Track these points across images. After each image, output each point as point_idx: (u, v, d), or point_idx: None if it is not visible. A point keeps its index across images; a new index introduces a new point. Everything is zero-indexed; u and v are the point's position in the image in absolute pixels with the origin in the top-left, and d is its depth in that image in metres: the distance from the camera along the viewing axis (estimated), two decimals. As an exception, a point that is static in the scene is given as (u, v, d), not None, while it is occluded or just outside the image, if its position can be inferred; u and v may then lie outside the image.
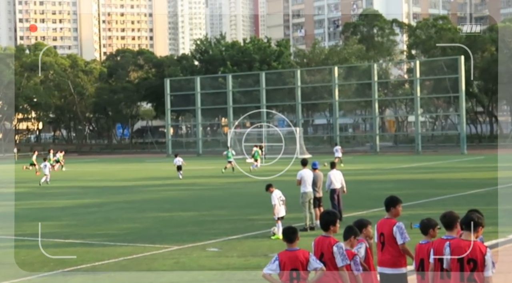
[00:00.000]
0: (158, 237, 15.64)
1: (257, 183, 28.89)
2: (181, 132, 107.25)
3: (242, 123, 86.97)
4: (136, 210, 21.16)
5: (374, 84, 62.00)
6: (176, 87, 75.71)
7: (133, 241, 15.15)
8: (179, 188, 29.09)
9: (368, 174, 33.86)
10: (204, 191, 27.39)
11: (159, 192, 27.50)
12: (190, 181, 32.83)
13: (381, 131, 75.59)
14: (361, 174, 33.63)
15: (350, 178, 28.03)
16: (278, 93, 78.21)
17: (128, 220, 18.97)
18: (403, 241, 7.70)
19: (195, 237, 15.37)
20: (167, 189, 28.53)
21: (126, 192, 27.94)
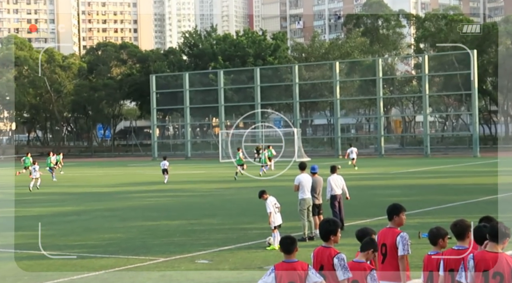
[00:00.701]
0: (142, 248, 15.61)
1: (251, 189, 28.86)
2: (168, 133, 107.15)
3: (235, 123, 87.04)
4: (119, 219, 21.11)
5: (378, 81, 62.13)
6: (162, 84, 75.67)
7: (115, 252, 15.11)
8: (165, 194, 29.06)
9: (372, 179, 33.91)
10: (193, 198, 27.37)
11: (143, 199, 27.46)
12: (178, 187, 32.79)
13: (386, 132, 75.78)
14: (365, 179, 33.67)
15: (352, 184, 28.06)
16: (274, 91, 78.28)
17: (109, 229, 18.92)
18: (403, 253, 7.69)
19: (183, 248, 15.35)
20: (152, 196, 28.49)
21: (107, 199, 27.88)
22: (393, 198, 23.26)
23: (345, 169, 40.41)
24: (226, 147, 64.76)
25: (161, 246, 15.88)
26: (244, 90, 76.69)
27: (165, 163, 35.64)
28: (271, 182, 32.95)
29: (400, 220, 8.02)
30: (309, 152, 63.81)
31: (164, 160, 36.12)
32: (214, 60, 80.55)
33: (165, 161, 35.83)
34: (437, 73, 68.32)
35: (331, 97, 70.48)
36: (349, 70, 76.87)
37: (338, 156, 61.64)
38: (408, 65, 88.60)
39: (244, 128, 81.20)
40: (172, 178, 37.79)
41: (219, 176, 40.19)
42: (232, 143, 67.47)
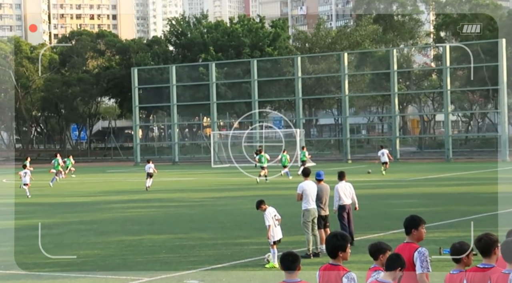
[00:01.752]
0: (123, 266, 15.60)
1: (247, 198, 28.87)
2: (153, 134, 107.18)
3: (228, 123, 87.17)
4: (96, 233, 21.11)
5: (393, 75, 62.22)
6: (145, 79, 75.68)
7: (92, 271, 15.12)
8: (149, 205, 29.07)
9: (386, 187, 33.96)
10: (181, 209, 27.38)
11: (124, 210, 27.46)
12: (164, 196, 32.80)
13: (402, 133, 75.90)
14: (377, 187, 33.71)
15: (363, 192, 28.06)
16: (273, 86, 78.39)
17: (85, 245, 18.91)
18: (422, 271, 7.69)
19: (169, 266, 15.35)
20: (134, 207, 28.50)
21: (82, 210, 27.88)
22: (410, 208, 23.32)
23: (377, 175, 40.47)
24: (219, 151, 64.80)
25: (144, 264, 15.87)
26: (239, 86, 76.74)
27: (150, 166, 36.65)
28: (270, 191, 32.96)
29: (419, 234, 8.02)
30: (313, 156, 63.80)
31: (149, 163, 37.16)
32: (205, 51, 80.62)
33: (150, 164, 36.85)
34: (460, 65, 68.38)
35: (339, 93, 70.52)
36: (359, 62, 77.01)
37: (346, 161, 61.70)
38: (427, 57, 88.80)
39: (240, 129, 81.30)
40: (157, 186, 37.76)
41: (211, 183, 40.21)
42: (226, 146, 67.48)
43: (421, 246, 7.94)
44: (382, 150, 44.41)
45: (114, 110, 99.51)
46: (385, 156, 43.38)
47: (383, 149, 44.70)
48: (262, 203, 15.33)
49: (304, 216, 16.19)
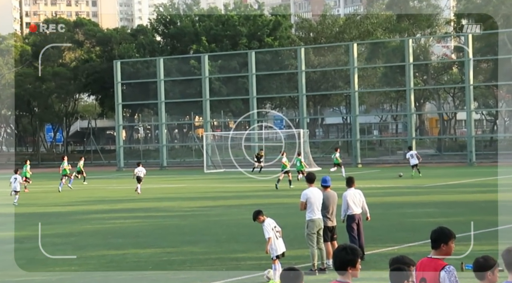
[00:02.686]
0: (104, 285, 15.57)
1: (244, 208, 28.84)
2: (138, 136, 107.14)
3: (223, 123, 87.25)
4: (73, 247, 21.07)
5: (408, 68, 62.25)
6: (130, 73, 75.69)
7: (69, 290, 15.07)
8: (134, 215, 29.04)
9: (401, 194, 33.95)
10: (169, 219, 27.35)
11: (106, 221, 27.42)
12: (151, 204, 32.77)
13: (418, 134, 75.91)
14: (391, 194, 33.70)
15: (375, 200, 28.02)
16: (273, 81, 78.40)
17: (61, 261, 18.87)
18: (452, 293, 7.67)
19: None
20: (117, 217, 28.46)
21: (59, 221, 27.83)
22: (428, 218, 23.31)
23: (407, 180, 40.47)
24: (213, 154, 64.80)
25: (128, 282, 15.82)
26: (235, 81, 76.76)
27: (140, 169, 38.63)
28: (271, 199, 32.95)
29: (448, 249, 7.98)
30: (319, 159, 63.79)
31: (139, 166, 39.15)
32: (197, 41, 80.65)
33: (141, 168, 38.87)
34: (485, 57, 68.41)
35: (347, 88, 70.51)
36: (371, 54, 77.05)
37: (356, 165, 61.73)
38: (446, 48, 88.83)
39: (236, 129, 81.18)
40: (143, 194, 37.74)
41: (204, 191, 40.18)
42: (220, 149, 67.52)
43: (448, 263, 7.88)
44: (411, 152, 45.86)
45: (94, 108, 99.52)
46: (414, 158, 44.84)
47: (412, 151, 46.17)
48: (259, 214, 15.26)
49: (309, 228, 16.17)
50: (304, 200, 16.17)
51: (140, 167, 39.23)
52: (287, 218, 23.51)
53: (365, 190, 19.16)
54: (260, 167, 55.10)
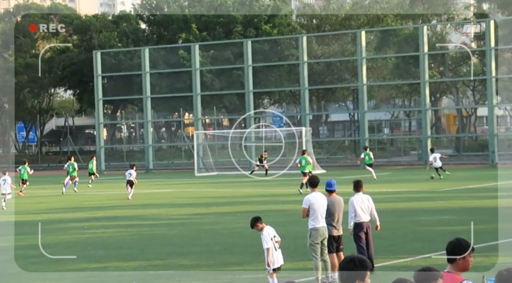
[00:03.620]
0: (83, 302, 15.55)
1: (239, 215, 28.85)
2: (121, 135, 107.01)
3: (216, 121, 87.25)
4: (49, 260, 21.04)
5: (423, 58, 62.26)
6: (111, 65, 75.64)
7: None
8: (117, 224, 29.00)
9: (414, 200, 33.96)
10: (156, 228, 27.33)
11: (85, 231, 27.39)
12: (135, 212, 32.75)
13: (434, 132, 75.87)
14: (403, 200, 33.71)
15: (386, 206, 27.99)
16: (272, 74, 78.36)
17: (35, 276, 18.85)
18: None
19: (142, 302, 15.32)
20: (98, 226, 28.44)
21: (32, 231, 27.78)
22: (445, 227, 23.31)
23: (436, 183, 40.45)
24: (205, 155, 64.78)
25: (110, 298, 15.81)
26: (230, 73, 76.71)
27: (131, 172, 38.71)
28: (269, 205, 32.93)
29: (466, 263, 7.97)
30: (323, 161, 63.81)
31: (131, 169, 39.38)
32: (186, 29, 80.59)
33: (132, 170, 39.00)
34: (509, 46, 68.41)
35: (355, 82, 70.49)
36: (381, 43, 77.00)
37: (364, 167, 61.71)
38: (466, 35, 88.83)
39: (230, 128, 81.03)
40: (127, 200, 37.69)
41: (194, 196, 40.17)
42: (213, 149, 67.51)
43: (466, 278, 7.88)
44: (434, 155, 46.92)
45: (71, 104, 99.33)
46: (438, 161, 45.99)
47: (435, 153, 47.27)
48: (258, 220, 15.27)
49: (312, 237, 16.16)
50: (307, 206, 16.14)
51: (131, 170, 39.42)
52: (287, 226, 23.50)
53: (374, 195, 19.18)
54: (266, 169, 55.14)
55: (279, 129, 70.45)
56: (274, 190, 41.80)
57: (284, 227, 21.75)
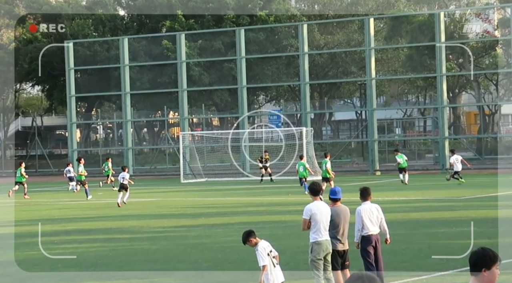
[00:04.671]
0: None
1: (231, 227, 28.82)
2: (96, 137, 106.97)
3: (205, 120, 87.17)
4: (13, 280, 21.01)
5: (440, 49, 62.28)
6: (85, 57, 75.56)
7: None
8: (92, 237, 28.95)
9: (430, 209, 33.96)
10: (137, 242, 27.30)
11: (55, 245, 27.34)
12: (112, 224, 32.71)
13: (453, 132, 75.94)
14: (418, 209, 33.70)
15: (398, 217, 27.96)
16: (268, 66, 78.36)
17: None
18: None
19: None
20: (70, 240, 28.39)
21: None
22: (465, 240, 23.29)
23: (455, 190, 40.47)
24: (192, 159, 64.72)
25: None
26: (220, 66, 76.72)
27: (124, 175, 40.00)
28: (265, 216, 32.90)
29: (491, 276, 7.97)
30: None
31: (123, 171, 40.63)
32: (171, 16, 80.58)
33: (124, 173, 40.29)
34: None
35: (362, 75, 70.54)
36: (391, 32, 77.08)
37: (373, 172, 61.77)
38: (488, 23, 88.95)
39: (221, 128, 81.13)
40: (103, 211, 37.67)
41: (180, 205, 40.15)
42: (201, 152, 67.43)
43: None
44: (456, 156, 48.09)
45: (39, 102, 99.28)
46: (459, 164, 47.47)
47: (456, 155, 48.45)
48: (251, 235, 15.21)
49: (314, 252, 16.15)
50: (308, 217, 16.12)
51: (124, 172, 40.59)
52: (286, 240, 23.48)
53: (384, 204, 19.19)
54: (269, 174, 55.19)
55: (277, 129, 70.48)
56: (271, 198, 41.75)
57: (282, 241, 21.73)
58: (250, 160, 58.86)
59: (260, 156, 57.08)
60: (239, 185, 53.63)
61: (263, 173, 55.44)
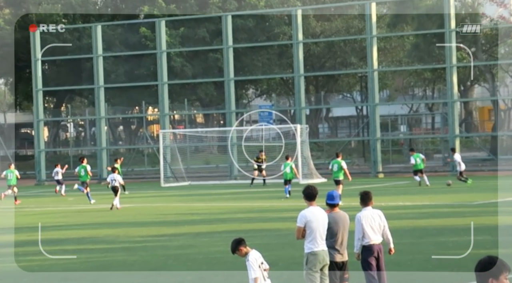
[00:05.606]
0: None
1: (218, 236, 28.87)
2: (66, 135, 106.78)
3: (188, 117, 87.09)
4: None
5: (449, 36, 62.36)
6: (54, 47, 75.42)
7: None
8: (61, 248, 28.93)
9: (439, 216, 34.04)
10: (112, 254, 27.31)
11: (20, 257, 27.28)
12: (85, 233, 32.70)
13: (464, 130, 76.06)
14: (425, 216, 33.78)
15: (403, 224, 28.03)
16: (259, 57, 78.35)
17: None
18: None
19: None
20: (35, 252, 28.36)
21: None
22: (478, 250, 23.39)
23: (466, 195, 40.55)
24: (173, 160, 64.72)
25: None
26: (205, 57, 76.71)
27: (115, 177, 40.81)
28: (254, 223, 32.96)
29: (499, 286, 8.08)
30: (323, 167, 63.83)
31: (113, 173, 41.32)
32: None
33: (115, 175, 41.03)
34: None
35: (363, 67, 70.61)
36: (395, 18, 77.19)
37: (376, 174, 61.85)
38: (503, 7, 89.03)
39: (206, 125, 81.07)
40: (74, 218, 37.66)
41: (161, 212, 40.18)
42: (184, 152, 67.40)
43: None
44: (458, 154, 50.02)
45: (2, 97, 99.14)
46: (462, 164, 49.40)
47: (456, 154, 50.42)
48: (241, 244, 15.27)
49: (309, 264, 16.21)
50: (302, 225, 16.17)
51: (114, 174, 41.17)
52: (278, 250, 23.53)
53: (387, 210, 19.26)
54: (263, 177, 55.20)
55: (268, 127, 70.54)
56: (262, 203, 41.84)
57: (274, 251, 21.80)
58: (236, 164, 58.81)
59: (255, 156, 56.97)
60: (226, 189, 53.66)
61: (255, 175, 55.42)
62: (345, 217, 16.78)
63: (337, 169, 41.56)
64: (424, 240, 26.67)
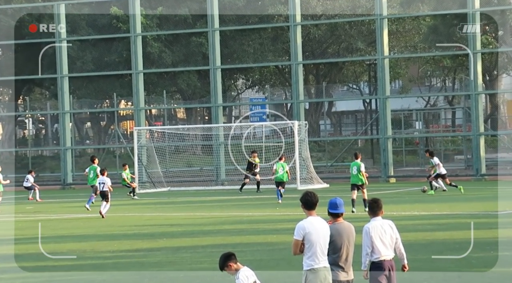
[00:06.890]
0: None
1: (202, 250, 28.92)
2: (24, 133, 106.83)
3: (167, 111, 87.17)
4: None
5: (472, 18, 62.41)
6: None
7: None
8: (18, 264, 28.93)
9: (460, 227, 34.08)
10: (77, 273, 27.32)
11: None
12: (45, 247, 32.69)
13: (490, 127, 76.17)
14: (444, 228, 33.84)
15: (418, 237, 28.04)
16: (249, 42, 78.41)
17: None
18: None
19: None
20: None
21: None
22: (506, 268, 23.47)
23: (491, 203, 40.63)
24: (151, 162, 64.78)
25: None
26: (187, 41, 76.74)
27: (105, 180, 41.79)
28: (244, 236, 33.02)
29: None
30: (325, 170, 64.05)
31: (102, 176, 42.42)
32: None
33: (104, 177, 42.12)
34: None
35: (372, 53, 70.73)
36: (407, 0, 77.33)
37: (387, 178, 61.95)
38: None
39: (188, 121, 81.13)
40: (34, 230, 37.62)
41: (135, 223, 40.21)
42: (163, 153, 67.44)
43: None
44: (434, 159, 50.31)
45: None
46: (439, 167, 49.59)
47: (435, 158, 50.70)
48: (230, 259, 15.32)
49: (307, 282, 16.25)
50: (300, 237, 16.19)
51: (103, 177, 42.18)
52: (272, 267, 23.58)
53: (400, 220, 19.29)
54: (257, 182, 55.21)
55: (261, 123, 70.67)
56: (253, 213, 41.89)
57: (268, 269, 21.83)
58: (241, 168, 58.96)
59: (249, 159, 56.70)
60: (211, 196, 53.75)
61: (247, 181, 55.27)
62: (351, 228, 16.80)
63: (357, 172, 41.23)
64: (443, 255, 26.67)
